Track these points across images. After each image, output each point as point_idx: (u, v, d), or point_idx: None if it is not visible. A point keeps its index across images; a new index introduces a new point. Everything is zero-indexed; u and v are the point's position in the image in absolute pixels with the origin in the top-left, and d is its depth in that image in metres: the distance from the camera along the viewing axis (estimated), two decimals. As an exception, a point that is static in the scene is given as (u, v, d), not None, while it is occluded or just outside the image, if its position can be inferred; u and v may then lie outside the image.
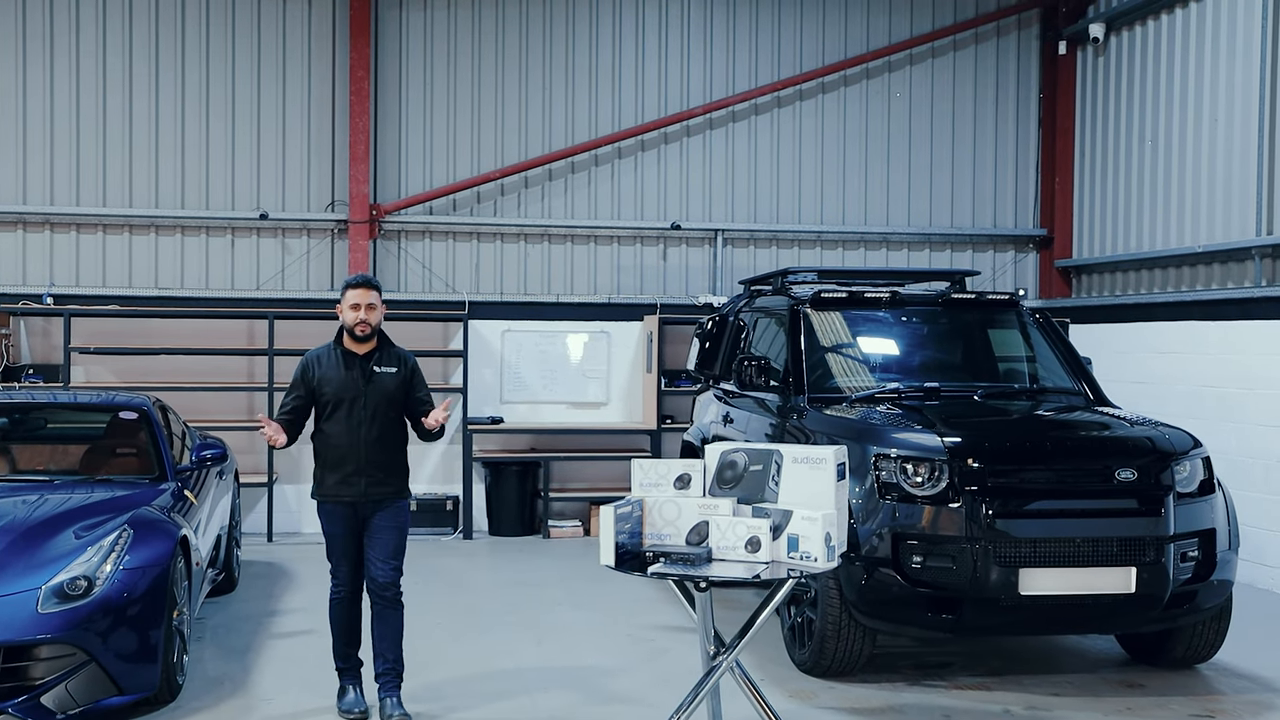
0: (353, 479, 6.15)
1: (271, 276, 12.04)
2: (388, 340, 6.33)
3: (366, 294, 6.17)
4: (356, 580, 6.30)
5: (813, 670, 6.94)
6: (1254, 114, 10.22)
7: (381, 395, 6.19)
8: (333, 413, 6.18)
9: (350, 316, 6.17)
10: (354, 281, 6.24)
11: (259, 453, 11.23)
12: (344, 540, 6.24)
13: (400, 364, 6.28)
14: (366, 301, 6.15)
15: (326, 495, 6.24)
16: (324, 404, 6.21)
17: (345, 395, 6.15)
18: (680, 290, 12.66)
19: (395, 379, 6.23)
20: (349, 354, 6.22)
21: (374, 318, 6.20)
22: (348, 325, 6.19)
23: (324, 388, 6.19)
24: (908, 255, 13.07)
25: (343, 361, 6.20)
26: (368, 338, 6.20)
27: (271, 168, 12.05)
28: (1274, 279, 10.05)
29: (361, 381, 6.17)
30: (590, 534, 11.85)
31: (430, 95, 12.26)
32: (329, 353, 6.27)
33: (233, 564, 9.08)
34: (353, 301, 6.16)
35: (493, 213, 12.42)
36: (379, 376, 6.20)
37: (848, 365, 8.12)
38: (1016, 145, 13.18)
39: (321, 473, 6.28)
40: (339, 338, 6.26)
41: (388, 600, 6.22)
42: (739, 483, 5.64)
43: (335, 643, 6.38)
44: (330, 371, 6.20)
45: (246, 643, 7.68)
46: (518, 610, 8.69)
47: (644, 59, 12.57)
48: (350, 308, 6.17)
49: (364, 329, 6.17)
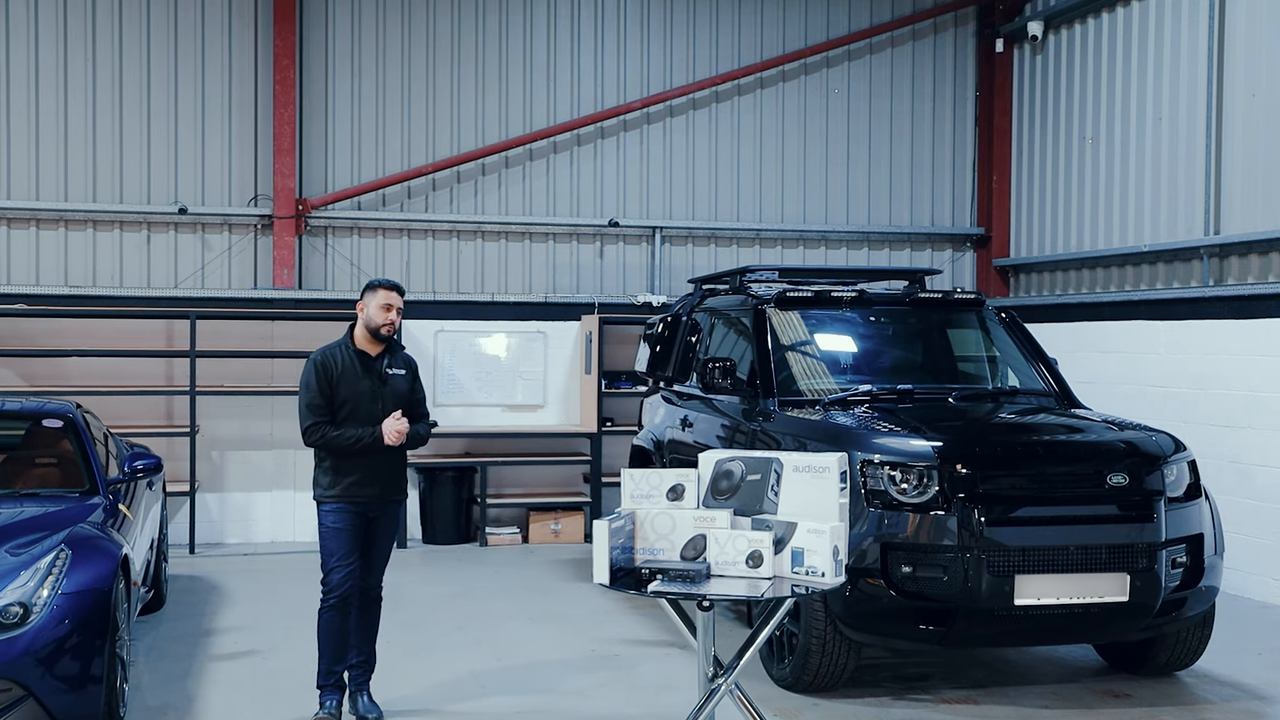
0: (369, 482, 6.07)
1: (191, 274, 11.43)
2: (396, 342, 6.29)
3: (397, 297, 6.14)
4: (354, 587, 6.10)
5: (794, 686, 6.65)
6: (1201, 112, 10.20)
7: (394, 396, 6.14)
8: (350, 415, 6.04)
9: (380, 317, 6.09)
10: (384, 283, 6.16)
11: (180, 459, 10.62)
12: (350, 537, 6.06)
13: (407, 366, 6.28)
14: (396, 304, 6.13)
15: (340, 497, 6.04)
16: (340, 406, 6.05)
17: (363, 397, 6.06)
18: (618, 289, 12.32)
19: (404, 381, 6.22)
20: (363, 354, 6.13)
21: (398, 320, 6.19)
22: (374, 325, 6.10)
23: (340, 389, 6.05)
24: (846, 254, 12.89)
25: (359, 362, 6.10)
26: (389, 340, 6.17)
27: (190, 159, 11.44)
28: (1221, 278, 10.04)
29: (377, 384, 6.11)
30: (529, 541, 11.45)
31: (358, 85, 11.75)
32: (342, 352, 6.13)
33: (161, 580, 8.53)
34: (384, 302, 6.09)
35: (424, 209, 11.96)
36: (392, 379, 6.16)
37: (815, 367, 7.85)
38: (954, 143, 13.08)
39: (333, 475, 6.07)
40: (350, 337, 6.15)
41: (372, 599, 6.23)
42: (735, 493, 5.32)
43: (322, 659, 6.12)
44: (347, 372, 6.07)
45: (185, 666, 7.16)
46: (468, 625, 8.27)
47: (580, 51, 12.21)
48: (381, 308, 6.09)
49: (389, 330, 6.12)
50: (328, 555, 6.07)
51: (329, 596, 6.05)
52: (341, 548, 6.03)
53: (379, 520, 6.16)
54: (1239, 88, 9.83)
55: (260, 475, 11.22)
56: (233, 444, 11.16)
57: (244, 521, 11.26)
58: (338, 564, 6.03)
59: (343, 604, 6.06)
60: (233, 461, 11.22)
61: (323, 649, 6.11)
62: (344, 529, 6.03)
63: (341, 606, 6.06)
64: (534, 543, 11.41)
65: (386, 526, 6.22)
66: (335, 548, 6.04)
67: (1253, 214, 9.70)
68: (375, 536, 6.17)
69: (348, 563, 6.03)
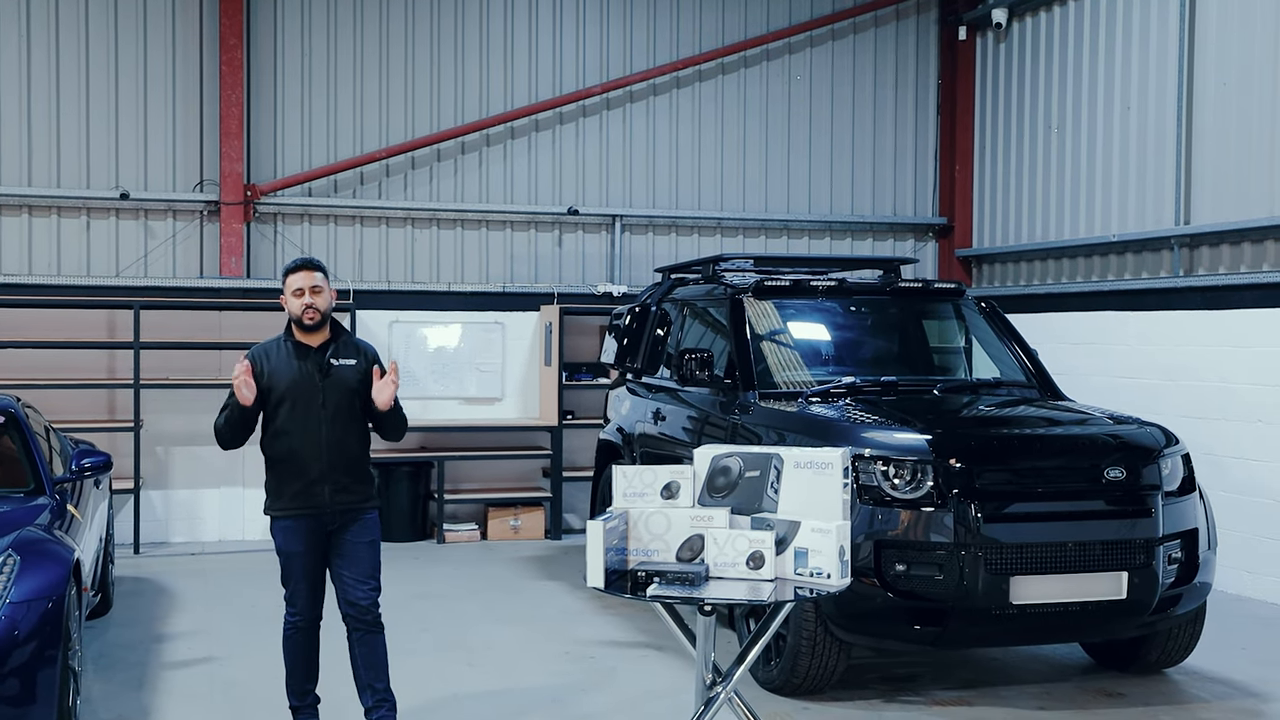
0: (315, 488, 5.35)
1: (133, 263, 10.95)
2: (343, 329, 5.60)
3: (309, 276, 5.42)
4: (318, 607, 5.50)
5: (782, 690, 6.40)
6: (1171, 101, 10.08)
7: (341, 391, 5.41)
8: (287, 413, 5.37)
9: (295, 305, 5.41)
10: (293, 265, 5.48)
11: (124, 455, 10.16)
12: (305, 560, 5.41)
13: (359, 355, 5.51)
14: (310, 284, 5.40)
15: (285, 510, 5.40)
16: (275, 403, 5.38)
17: (299, 392, 5.37)
18: (577, 279, 12.01)
19: (354, 372, 5.45)
20: (301, 346, 5.45)
21: (322, 302, 5.43)
22: (294, 314, 5.42)
23: (274, 384, 5.38)
24: (808, 243, 12.68)
25: (294, 354, 5.43)
26: (317, 326, 5.44)
27: (132, 142, 10.96)
28: (1192, 269, 9.94)
29: (317, 376, 5.40)
30: (488, 538, 11.13)
31: (309, 67, 11.33)
32: (278, 346, 5.48)
33: (108, 583, 8.12)
34: (295, 287, 5.41)
35: (377, 195, 11.57)
36: (337, 370, 5.43)
37: (795, 358, 7.61)
38: (916, 132, 12.91)
39: (277, 484, 5.43)
40: (288, 330, 5.49)
41: (368, 625, 5.46)
42: (733, 490, 5.05)
43: (291, 678, 5.57)
44: (281, 366, 5.41)
45: (137, 676, 6.77)
46: (433, 627, 7.95)
47: (538, 34, 11.87)
48: (293, 294, 5.42)
49: (312, 316, 5.40)
50: (285, 576, 5.46)
51: (292, 616, 5.48)
52: (295, 565, 5.40)
53: (343, 533, 5.40)
54: (1210, 76, 9.73)
55: (208, 471, 10.78)
56: (179, 439, 10.72)
57: (191, 520, 10.82)
58: (295, 591, 5.44)
59: (309, 626, 5.48)
60: (179, 457, 10.77)
61: (289, 671, 5.57)
62: (296, 552, 5.38)
63: (307, 629, 5.48)
64: (493, 539, 11.09)
65: (356, 540, 5.41)
66: (290, 571, 5.43)
67: (1224, 204, 9.60)
68: (343, 550, 5.41)
69: (305, 582, 5.41)
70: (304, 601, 5.45)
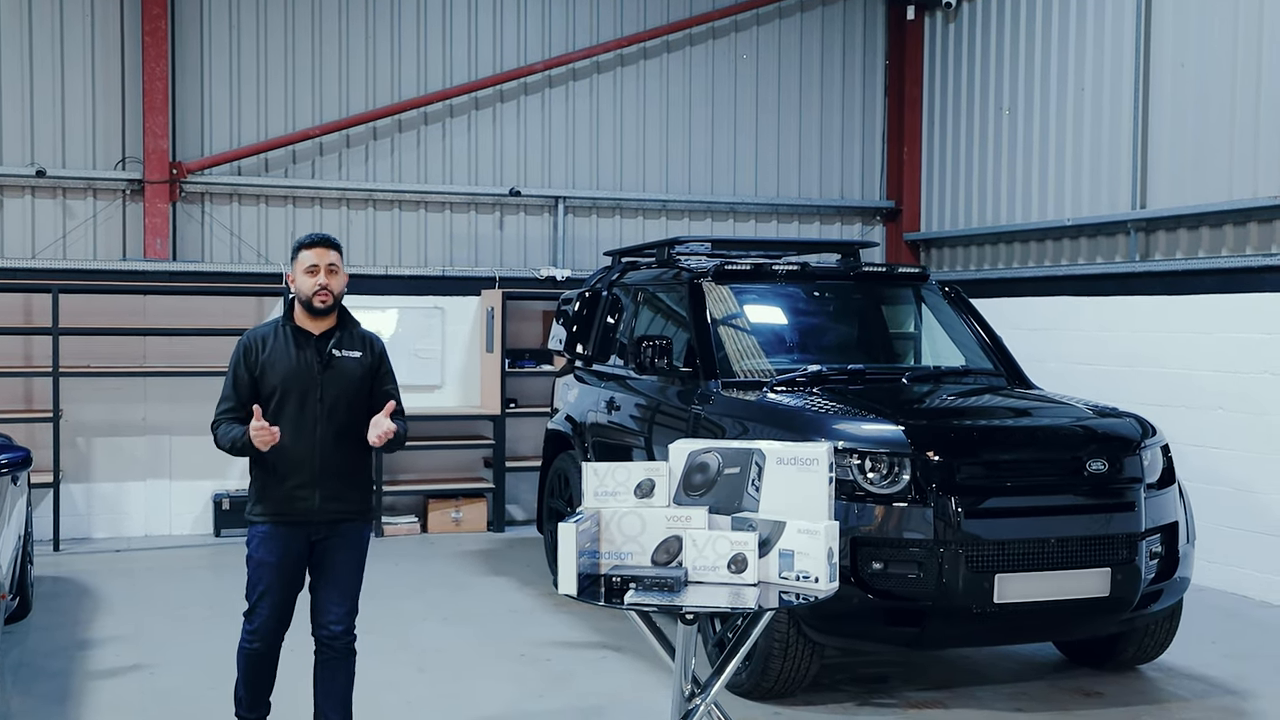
0: (304, 491, 4.83)
1: (51, 244, 10.37)
2: (351, 318, 5.04)
3: (325, 253, 4.85)
4: (279, 632, 4.96)
5: (751, 694, 6.10)
6: (1127, 83, 9.91)
7: (341, 385, 4.87)
8: (280, 406, 4.83)
9: (307, 283, 4.84)
10: (308, 240, 4.91)
11: (42, 447, 9.59)
12: (278, 571, 4.86)
13: (365, 347, 4.97)
14: (326, 262, 4.84)
15: (268, 514, 4.87)
16: (268, 395, 4.84)
17: (295, 385, 4.84)
18: (519, 262, 11.62)
19: (359, 365, 4.92)
20: (302, 332, 4.91)
21: (336, 284, 4.88)
22: (304, 295, 4.86)
23: (269, 374, 4.85)
24: (755, 226, 12.38)
25: (294, 341, 4.89)
26: (328, 310, 4.89)
27: (48, 116, 10.36)
28: (1149, 254, 9.80)
29: (317, 367, 4.86)
30: (428, 531, 10.72)
31: (237, 39, 10.79)
32: (276, 331, 4.93)
33: (27, 584, 7.61)
34: (308, 264, 4.84)
35: (310, 174, 11.07)
36: (339, 362, 4.88)
37: (758, 345, 7.30)
38: (863, 114, 12.66)
39: (261, 486, 4.89)
40: (288, 313, 4.96)
41: (339, 651, 4.98)
42: (711, 488, 4.75)
43: (246, 693, 5.04)
44: (278, 354, 4.87)
45: (61, 686, 6.30)
46: (377, 628, 7.48)
47: (477, 8, 11.43)
48: (306, 271, 4.85)
49: (324, 298, 4.84)
50: (250, 589, 4.90)
51: (250, 639, 4.94)
52: (265, 577, 4.85)
53: (328, 544, 4.89)
54: (1167, 58, 9.56)
55: (132, 463, 10.24)
56: (101, 429, 10.16)
57: (114, 514, 10.27)
58: (260, 603, 4.88)
59: (269, 650, 4.97)
60: (101, 449, 10.22)
61: (245, 688, 5.06)
62: (270, 562, 4.84)
63: (266, 650, 4.96)
64: (434, 532, 10.68)
65: (342, 553, 4.91)
66: (258, 580, 4.87)
67: (1182, 188, 9.45)
68: (325, 566, 4.91)
69: (273, 595, 4.87)
70: (265, 621, 4.90)
